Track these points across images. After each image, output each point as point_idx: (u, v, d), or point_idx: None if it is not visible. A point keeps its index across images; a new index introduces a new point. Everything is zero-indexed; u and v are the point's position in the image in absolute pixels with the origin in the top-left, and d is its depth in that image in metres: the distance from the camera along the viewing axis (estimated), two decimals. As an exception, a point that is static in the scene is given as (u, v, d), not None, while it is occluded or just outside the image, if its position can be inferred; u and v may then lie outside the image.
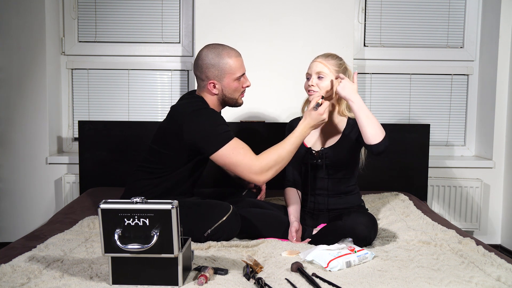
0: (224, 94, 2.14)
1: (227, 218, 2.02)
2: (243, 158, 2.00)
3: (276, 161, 2.02)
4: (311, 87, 2.16)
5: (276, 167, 2.03)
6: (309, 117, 2.07)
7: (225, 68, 2.10)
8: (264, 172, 2.01)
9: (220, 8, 3.07)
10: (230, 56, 2.11)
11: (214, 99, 2.16)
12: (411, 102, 3.46)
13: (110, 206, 1.50)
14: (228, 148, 2.00)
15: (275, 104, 3.12)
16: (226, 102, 2.18)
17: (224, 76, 2.10)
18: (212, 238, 2.03)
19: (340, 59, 2.21)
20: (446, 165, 3.33)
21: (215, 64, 2.10)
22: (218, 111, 2.20)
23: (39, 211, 3.25)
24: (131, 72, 3.39)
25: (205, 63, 2.11)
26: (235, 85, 2.14)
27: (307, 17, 3.09)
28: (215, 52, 2.11)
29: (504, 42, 3.23)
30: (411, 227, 2.24)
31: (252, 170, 2.00)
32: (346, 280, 1.58)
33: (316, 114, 2.06)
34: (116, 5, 3.34)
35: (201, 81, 2.15)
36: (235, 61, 2.12)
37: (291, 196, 2.26)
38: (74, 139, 3.42)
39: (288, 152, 2.05)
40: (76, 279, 1.57)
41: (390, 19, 3.40)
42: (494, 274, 1.62)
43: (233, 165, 2.01)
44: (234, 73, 2.12)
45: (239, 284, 1.55)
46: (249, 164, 2.00)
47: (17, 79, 3.18)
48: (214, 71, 2.10)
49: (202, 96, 2.16)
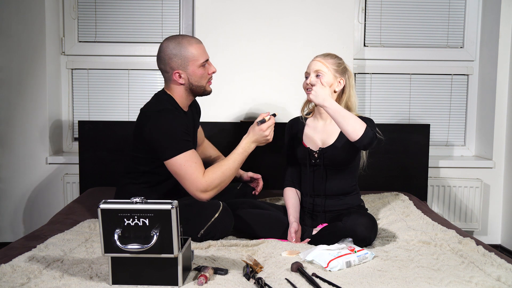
0: (190, 82, 2.13)
1: (219, 215, 2.02)
2: (193, 173, 1.98)
3: (221, 179, 2.02)
4: (309, 85, 2.17)
5: (221, 185, 2.03)
6: (252, 131, 2.08)
7: (188, 56, 2.09)
8: (209, 190, 2.00)
9: (220, 8, 3.07)
10: (190, 44, 2.10)
11: (181, 90, 2.15)
12: (411, 102, 3.46)
13: (110, 206, 1.50)
14: (183, 158, 1.99)
15: (275, 104, 3.12)
16: (194, 91, 2.16)
17: (188, 64, 2.09)
18: (206, 238, 2.03)
19: (340, 58, 2.22)
20: (446, 165, 3.32)
21: (177, 53, 2.08)
22: (188, 102, 2.20)
23: (39, 211, 3.25)
24: (131, 72, 3.39)
25: (167, 54, 2.10)
26: (200, 72, 2.12)
27: (307, 17, 3.09)
28: (175, 42, 2.10)
29: (504, 42, 3.23)
30: (411, 227, 2.23)
31: (198, 187, 1.99)
32: (346, 280, 1.58)
33: (258, 129, 2.05)
34: (116, 5, 3.34)
35: (166, 73, 2.14)
36: (197, 48, 2.11)
37: (290, 197, 2.26)
38: (74, 139, 3.42)
39: (232, 169, 2.04)
40: (76, 279, 1.57)
41: (390, 19, 3.40)
42: (494, 274, 1.62)
43: (182, 176, 2.00)
44: (197, 60, 2.10)
45: (239, 284, 1.55)
46: (196, 180, 1.98)
47: (17, 79, 3.17)
48: (177, 60, 2.09)
49: (169, 94, 2.16)
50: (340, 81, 2.18)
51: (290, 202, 2.24)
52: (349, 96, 2.21)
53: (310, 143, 2.25)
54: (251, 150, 2.08)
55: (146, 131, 2.04)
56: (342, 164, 2.19)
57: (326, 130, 2.23)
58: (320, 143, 2.23)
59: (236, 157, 2.05)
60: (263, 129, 2.04)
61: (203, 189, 1.99)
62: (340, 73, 2.18)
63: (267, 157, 2.97)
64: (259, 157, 2.47)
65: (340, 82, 2.18)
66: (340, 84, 2.18)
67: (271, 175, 2.81)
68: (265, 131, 2.05)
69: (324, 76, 2.15)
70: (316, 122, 2.27)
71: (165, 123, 2.02)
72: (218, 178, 2.01)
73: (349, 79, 2.21)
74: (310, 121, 2.31)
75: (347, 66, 2.23)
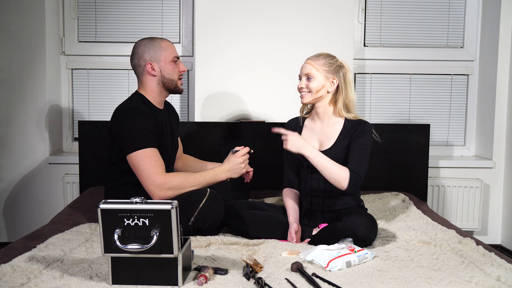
0: (163, 75, 2.21)
1: (206, 201, 2.02)
2: (151, 168, 2.02)
3: (180, 184, 2.05)
4: (302, 89, 2.16)
5: (179, 188, 2.05)
6: (227, 161, 2.17)
7: (159, 48, 2.19)
8: (164, 189, 2.03)
9: (220, 8, 3.07)
10: (162, 40, 2.23)
11: (154, 84, 2.22)
12: (411, 102, 3.46)
13: (109, 206, 1.50)
14: (143, 153, 2.03)
15: (275, 104, 3.12)
16: (166, 85, 2.23)
17: (160, 56, 2.19)
18: (198, 225, 2.03)
19: (332, 57, 2.18)
20: (446, 165, 3.32)
21: (150, 46, 2.20)
22: (162, 98, 2.26)
23: (39, 211, 3.25)
24: (131, 72, 3.38)
25: (141, 49, 2.21)
26: (172, 66, 2.22)
27: (307, 17, 3.09)
28: (148, 39, 2.23)
29: (504, 42, 3.23)
30: (411, 227, 2.24)
31: (153, 182, 2.02)
32: (346, 280, 1.58)
33: (232, 157, 2.15)
34: (116, 5, 3.34)
35: (139, 67, 2.22)
36: (168, 44, 2.23)
37: (289, 197, 2.26)
38: (74, 139, 3.42)
39: (196, 181, 2.09)
40: (76, 279, 1.57)
41: (390, 19, 3.40)
42: (494, 274, 1.62)
43: (139, 170, 2.04)
44: (168, 53, 2.20)
45: (239, 284, 1.55)
46: (153, 176, 2.02)
47: (17, 79, 3.17)
48: (150, 52, 2.19)
49: (141, 94, 2.22)
50: (333, 81, 2.15)
51: (289, 202, 2.24)
52: (346, 94, 2.18)
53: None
54: (221, 178, 2.15)
55: (113, 129, 2.12)
56: None
57: (324, 132, 2.21)
58: (318, 144, 2.21)
59: (206, 175, 2.12)
60: (237, 156, 2.15)
61: (157, 185, 2.01)
62: (332, 72, 2.15)
63: (267, 157, 2.97)
64: (259, 157, 2.47)
65: (333, 82, 2.15)
66: (333, 83, 2.15)
67: (271, 175, 2.81)
68: (239, 158, 2.15)
69: (314, 80, 2.13)
70: (313, 124, 2.26)
71: (129, 120, 2.08)
72: (177, 180, 2.05)
73: (345, 76, 2.17)
74: (308, 122, 2.29)
75: (342, 63, 2.19)
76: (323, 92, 2.15)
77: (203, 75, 3.10)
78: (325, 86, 2.15)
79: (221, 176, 2.15)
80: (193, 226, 2.02)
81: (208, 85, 3.10)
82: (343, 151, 2.15)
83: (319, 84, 2.14)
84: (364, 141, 2.12)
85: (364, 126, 2.14)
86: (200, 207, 2.01)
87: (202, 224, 2.03)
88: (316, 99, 2.17)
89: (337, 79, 2.16)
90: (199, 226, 2.03)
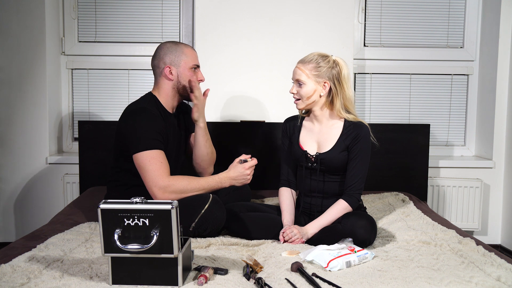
0: (179, 81, 2.21)
1: (208, 207, 2.01)
2: (156, 170, 2.02)
3: (184, 188, 2.05)
4: (294, 95, 2.16)
5: (182, 192, 2.05)
6: (232, 168, 2.16)
7: (181, 54, 2.22)
8: (167, 192, 2.03)
9: (220, 8, 3.07)
10: (186, 47, 2.24)
11: (169, 88, 2.22)
12: (411, 102, 3.46)
13: (110, 206, 1.50)
14: (149, 155, 2.04)
15: (275, 104, 3.12)
16: (180, 91, 2.24)
17: (180, 62, 2.20)
18: (199, 231, 2.02)
19: (324, 58, 2.10)
20: (446, 165, 3.32)
21: (172, 50, 2.21)
22: (174, 103, 2.25)
23: (39, 211, 3.25)
24: (131, 72, 3.39)
25: (163, 51, 2.21)
26: (190, 73, 2.22)
27: (307, 17, 3.09)
28: (172, 43, 2.24)
29: (504, 42, 3.23)
30: (411, 227, 2.23)
31: (156, 184, 2.02)
32: (346, 280, 1.58)
33: (241, 167, 2.14)
34: (116, 5, 3.34)
35: (157, 68, 2.23)
36: (191, 51, 2.24)
37: (285, 198, 2.23)
38: (74, 139, 3.42)
39: (200, 185, 2.09)
40: (76, 279, 1.57)
41: (390, 19, 3.40)
42: (494, 274, 1.62)
43: (144, 171, 2.03)
44: (189, 60, 2.21)
45: (239, 284, 1.55)
46: (157, 178, 2.02)
47: (17, 79, 3.17)
48: (171, 56, 2.20)
49: (154, 95, 2.23)
50: (325, 84, 2.10)
51: (284, 204, 2.21)
52: (343, 94, 2.12)
53: (306, 145, 2.21)
54: (224, 185, 2.15)
55: (122, 128, 2.12)
56: (339, 169, 2.16)
57: (322, 134, 2.19)
58: (317, 146, 2.19)
59: (210, 181, 2.12)
60: (245, 167, 2.14)
61: (161, 187, 2.01)
62: (323, 76, 2.09)
63: (267, 157, 2.98)
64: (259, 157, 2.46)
65: (325, 85, 2.10)
66: (325, 86, 2.10)
67: (271, 175, 2.81)
68: (247, 169, 2.14)
69: (304, 86, 2.10)
70: (312, 125, 2.23)
71: (139, 120, 2.08)
72: (181, 184, 2.05)
73: (340, 74, 2.10)
74: (306, 123, 2.26)
75: (337, 60, 2.11)
76: (315, 97, 2.12)
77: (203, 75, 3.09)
78: (317, 90, 2.11)
79: (225, 183, 2.15)
80: (193, 231, 2.01)
81: (208, 85, 3.10)
82: (342, 153, 2.14)
83: (310, 90, 2.10)
84: (361, 150, 2.11)
85: (361, 132, 2.12)
86: (202, 213, 2.00)
87: (202, 231, 2.03)
88: (309, 105, 2.15)
89: (328, 83, 2.10)
90: (199, 232, 2.03)
